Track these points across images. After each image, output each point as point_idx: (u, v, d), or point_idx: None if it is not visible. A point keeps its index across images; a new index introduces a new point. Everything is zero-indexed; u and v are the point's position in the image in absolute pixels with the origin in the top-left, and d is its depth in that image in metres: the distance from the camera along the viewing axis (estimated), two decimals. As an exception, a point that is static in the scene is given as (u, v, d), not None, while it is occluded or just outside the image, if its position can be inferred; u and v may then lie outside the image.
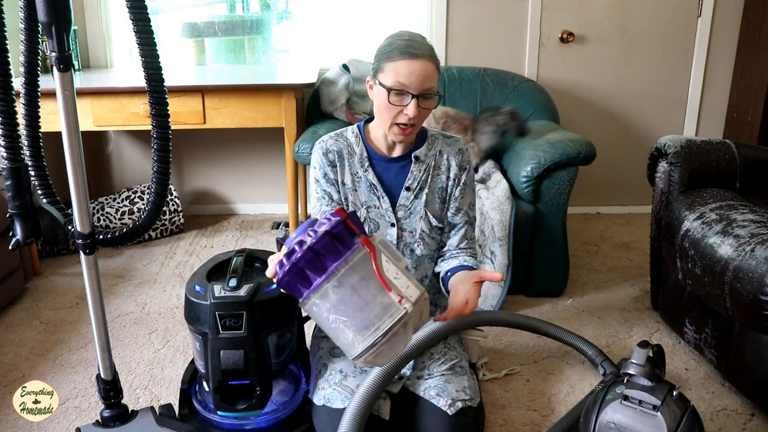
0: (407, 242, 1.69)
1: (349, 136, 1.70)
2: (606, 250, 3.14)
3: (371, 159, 1.67)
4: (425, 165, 1.68)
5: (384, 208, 1.66)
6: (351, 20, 3.49)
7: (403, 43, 1.54)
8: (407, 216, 1.67)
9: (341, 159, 1.66)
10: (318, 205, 1.67)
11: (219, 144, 3.54)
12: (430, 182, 1.68)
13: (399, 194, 1.67)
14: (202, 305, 1.59)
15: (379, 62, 1.56)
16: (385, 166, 1.67)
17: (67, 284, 2.80)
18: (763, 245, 1.78)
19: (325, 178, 1.66)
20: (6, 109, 1.39)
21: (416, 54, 1.52)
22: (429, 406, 1.57)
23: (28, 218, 1.45)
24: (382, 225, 1.67)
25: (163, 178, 1.47)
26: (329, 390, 1.57)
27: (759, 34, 3.27)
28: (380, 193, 1.66)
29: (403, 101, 1.53)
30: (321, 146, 1.67)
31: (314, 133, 2.61)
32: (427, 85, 1.53)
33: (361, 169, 1.66)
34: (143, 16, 1.32)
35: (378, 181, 1.66)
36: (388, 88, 1.53)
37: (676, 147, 2.27)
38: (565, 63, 3.43)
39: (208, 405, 1.75)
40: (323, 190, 1.67)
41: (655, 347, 1.78)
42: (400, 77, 1.52)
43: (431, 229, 1.69)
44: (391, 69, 1.52)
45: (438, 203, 1.70)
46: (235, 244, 3.24)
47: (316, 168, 1.68)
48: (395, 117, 1.56)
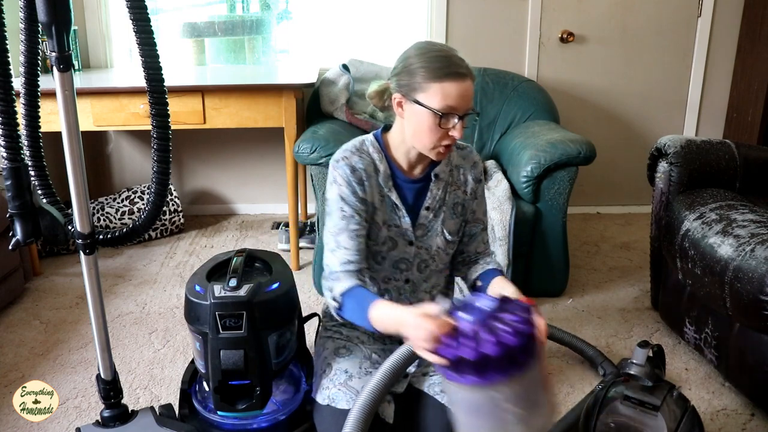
0: (423, 258, 1.65)
1: (371, 151, 1.57)
2: (606, 250, 3.14)
3: (394, 178, 1.59)
4: (443, 182, 1.63)
5: (404, 228, 1.61)
6: (351, 20, 3.49)
7: (446, 61, 1.44)
8: (425, 234, 1.63)
9: (368, 177, 1.55)
10: (343, 224, 1.51)
11: (219, 144, 3.54)
12: (447, 199, 1.65)
13: (419, 213, 1.62)
14: (202, 305, 1.60)
15: (417, 80, 1.44)
16: (407, 186, 1.61)
17: (67, 284, 2.80)
18: (763, 245, 1.78)
19: (355, 196, 1.52)
20: (6, 109, 1.39)
21: (464, 74, 1.44)
22: (432, 402, 1.57)
23: (28, 218, 1.45)
24: (400, 244, 1.61)
25: (163, 178, 1.47)
26: (334, 390, 1.56)
27: (759, 34, 3.27)
28: (402, 213, 1.60)
29: (449, 123, 1.45)
30: (346, 162, 1.54)
31: (314, 133, 2.60)
32: (471, 104, 1.48)
33: (386, 188, 1.58)
34: (143, 16, 1.32)
35: (401, 200, 1.59)
36: (436, 112, 1.42)
37: (676, 147, 2.27)
38: (565, 63, 3.43)
39: (208, 405, 1.75)
40: (351, 209, 1.52)
41: (655, 347, 1.78)
42: (449, 100, 1.42)
43: (447, 244, 1.67)
44: (439, 91, 1.42)
45: (454, 218, 1.67)
46: (235, 244, 3.24)
47: (341, 185, 1.52)
48: (440, 140, 1.47)
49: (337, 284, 1.48)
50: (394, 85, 1.51)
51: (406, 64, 1.48)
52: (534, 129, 2.83)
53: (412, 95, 1.46)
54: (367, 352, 1.66)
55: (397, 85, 1.50)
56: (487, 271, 1.67)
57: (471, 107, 1.48)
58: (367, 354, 1.65)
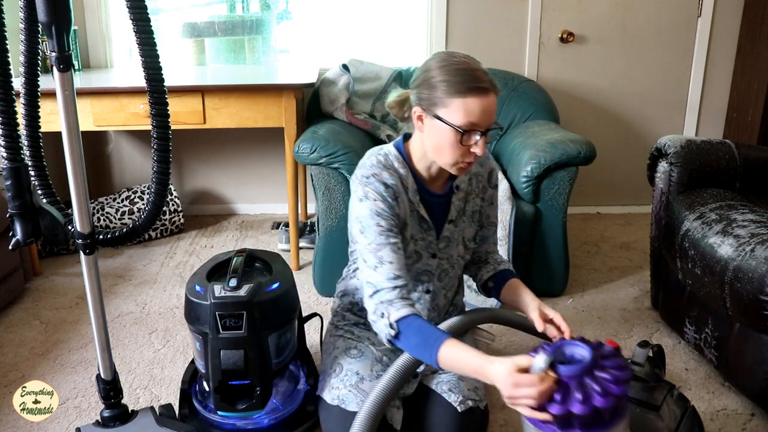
0: (444, 268, 1.65)
1: (397, 166, 1.53)
2: (606, 250, 3.14)
3: (421, 192, 1.57)
4: (463, 192, 1.63)
5: (428, 241, 1.60)
6: (351, 20, 3.48)
7: (468, 75, 1.39)
8: (447, 245, 1.63)
9: (399, 193, 1.51)
10: (383, 239, 1.46)
11: (219, 144, 3.54)
12: (466, 208, 1.65)
13: (442, 226, 1.61)
14: (202, 305, 1.60)
15: (438, 94, 1.40)
16: (433, 200, 1.59)
17: (67, 284, 2.80)
18: (763, 245, 1.78)
19: (391, 211, 1.48)
20: (6, 109, 1.39)
21: (486, 88, 1.39)
22: (440, 400, 1.58)
23: (28, 218, 1.45)
24: (424, 257, 1.61)
25: (163, 178, 1.47)
26: (344, 391, 1.55)
27: (759, 34, 3.27)
28: (428, 226, 1.59)
29: (471, 140, 1.41)
30: (377, 179, 1.49)
31: (314, 133, 2.60)
32: (494, 119, 1.43)
33: (415, 203, 1.56)
34: (143, 16, 1.33)
35: (428, 214, 1.58)
36: (458, 129, 1.39)
37: (676, 147, 2.27)
38: (565, 63, 3.43)
39: (208, 405, 1.75)
40: (388, 223, 1.47)
41: (655, 347, 1.78)
42: (471, 116, 1.38)
43: (465, 251, 1.68)
44: (461, 107, 1.38)
45: (472, 225, 1.68)
46: (235, 244, 3.24)
47: (376, 200, 1.47)
48: (462, 156, 1.44)
49: (392, 309, 1.40)
50: (414, 98, 1.47)
51: (427, 77, 1.43)
52: (534, 129, 2.83)
53: (433, 110, 1.42)
54: (378, 355, 1.66)
55: (417, 98, 1.46)
56: (500, 273, 1.68)
57: (494, 122, 1.43)
58: (378, 356, 1.65)
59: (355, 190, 1.51)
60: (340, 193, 2.51)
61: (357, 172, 1.53)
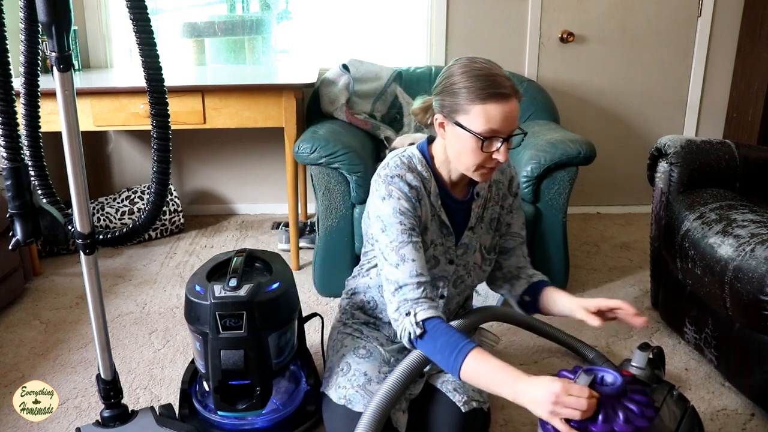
0: (459, 275, 1.64)
1: (420, 170, 1.52)
2: (606, 250, 3.14)
3: (443, 197, 1.56)
4: (482, 199, 1.61)
5: (447, 246, 1.59)
6: (351, 20, 3.48)
7: (489, 81, 1.37)
8: (465, 252, 1.62)
9: (422, 196, 1.51)
10: (405, 237, 1.45)
11: (219, 144, 3.54)
12: (485, 215, 1.64)
13: (462, 232, 1.60)
14: (202, 305, 1.60)
15: (458, 101, 1.39)
16: (455, 206, 1.58)
17: (67, 284, 2.80)
18: (763, 245, 1.78)
19: (414, 211, 1.48)
20: (6, 109, 1.39)
21: (507, 94, 1.37)
22: (444, 399, 1.58)
23: (28, 218, 1.45)
24: (441, 262, 1.60)
25: (163, 178, 1.47)
26: (351, 391, 1.55)
27: (759, 34, 3.27)
28: (448, 231, 1.58)
29: (492, 147, 1.40)
30: (401, 179, 1.48)
31: (314, 133, 2.60)
32: (516, 125, 1.41)
33: (437, 208, 1.55)
34: (143, 16, 1.32)
35: (449, 220, 1.57)
36: (479, 136, 1.38)
37: (676, 147, 2.27)
38: (565, 63, 3.43)
39: (208, 405, 1.75)
40: (410, 222, 1.46)
41: (655, 349, 1.78)
42: (492, 123, 1.36)
43: (483, 260, 1.66)
44: (481, 113, 1.36)
45: (490, 233, 1.66)
46: (235, 244, 3.24)
47: (399, 199, 1.46)
48: (484, 163, 1.42)
49: (419, 309, 1.39)
50: (436, 105, 1.46)
51: (448, 83, 1.42)
52: (534, 129, 2.83)
53: (454, 117, 1.41)
54: (387, 356, 1.66)
55: (439, 105, 1.45)
56: (532, 285, 1.66)
57: (516, 127, 1.41)
58: (387, 358, 1.65)
59: (378, 189, 1.50)
60: (340, 193, 2.51)
61: (380, 171, 1.53)
